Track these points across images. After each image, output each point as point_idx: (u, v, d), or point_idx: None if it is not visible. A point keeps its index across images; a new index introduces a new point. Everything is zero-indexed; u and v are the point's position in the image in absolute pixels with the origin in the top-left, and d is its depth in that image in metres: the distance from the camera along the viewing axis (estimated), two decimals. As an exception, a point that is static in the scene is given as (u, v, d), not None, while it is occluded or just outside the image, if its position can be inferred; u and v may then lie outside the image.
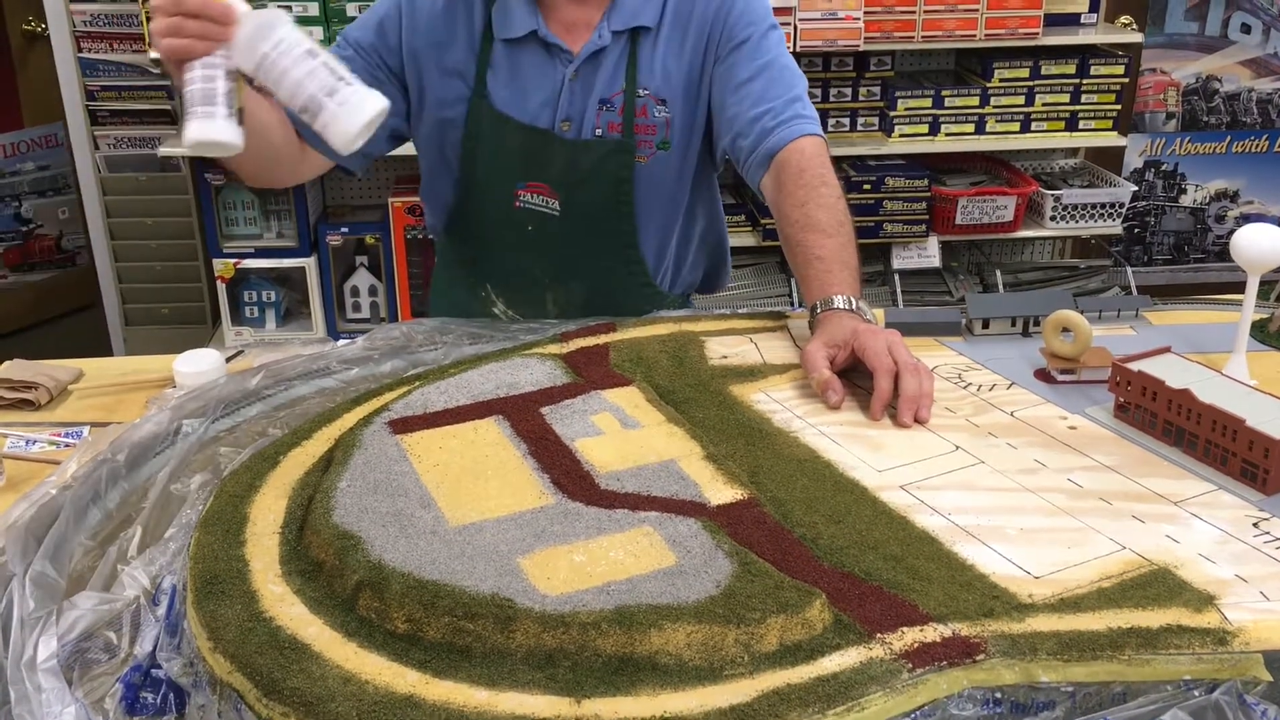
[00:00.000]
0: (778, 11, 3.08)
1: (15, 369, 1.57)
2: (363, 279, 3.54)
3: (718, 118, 1.65)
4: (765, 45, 1.63)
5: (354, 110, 1.20)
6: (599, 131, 1.63)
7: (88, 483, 1.19)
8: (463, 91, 1.64)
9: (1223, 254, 1.37)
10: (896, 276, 3.47)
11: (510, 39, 1.62)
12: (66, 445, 1.40)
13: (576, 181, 1.65)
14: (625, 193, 1.66)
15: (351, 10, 3.15)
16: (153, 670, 0.95)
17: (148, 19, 3.10)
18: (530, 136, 1.63)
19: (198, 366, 1.46)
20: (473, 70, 1.63)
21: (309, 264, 3.42)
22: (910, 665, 0.89)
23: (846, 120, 3.41)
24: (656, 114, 1.64)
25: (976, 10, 3.21)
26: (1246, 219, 4.06)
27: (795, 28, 3.12)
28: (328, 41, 3.16)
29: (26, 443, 1.41)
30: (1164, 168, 4.01)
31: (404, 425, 1.21)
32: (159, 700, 0.93)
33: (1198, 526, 1.08)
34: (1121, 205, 3.44)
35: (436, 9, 1.63)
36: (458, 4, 1.63)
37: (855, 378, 1.36)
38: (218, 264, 3.39)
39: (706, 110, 1.67)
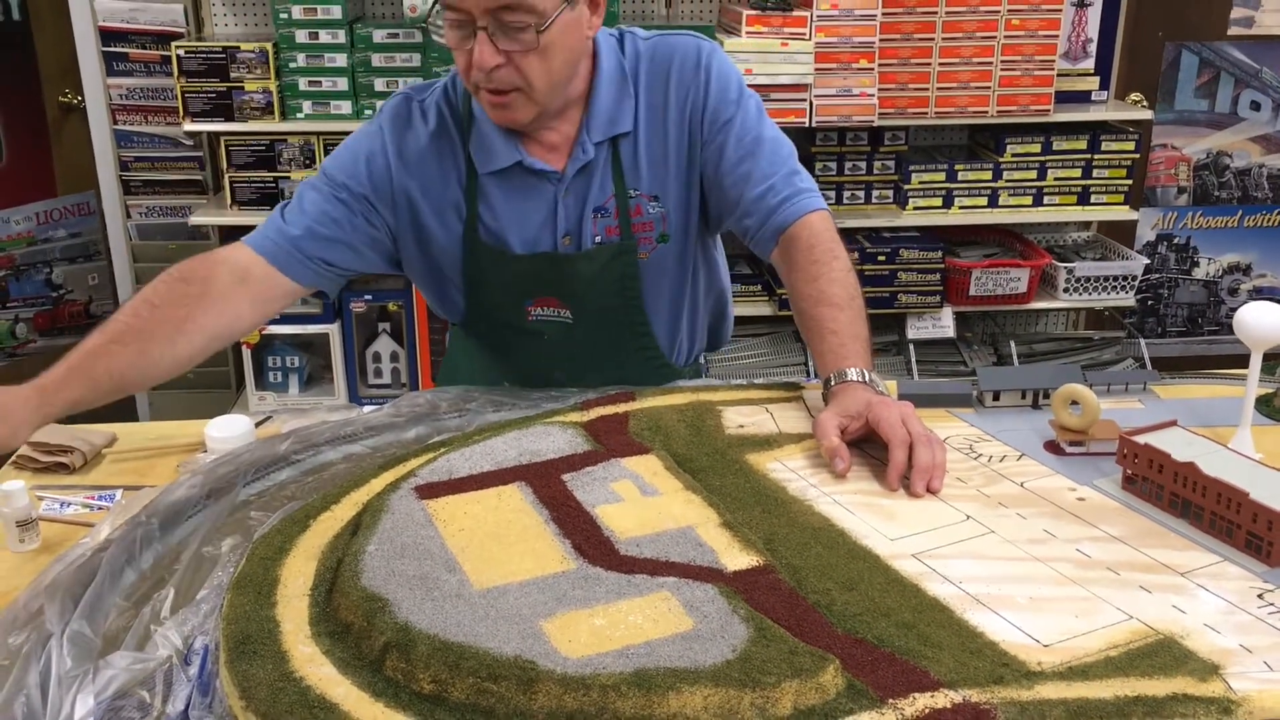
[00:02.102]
0: (795, 89, 3.17)
1: (50, 433, 1.61)
2: (385, 345, 3.59)
3: (715, 197, 1.65)
4: (748, 121, 1.62)
5: None
6: (598, 239, 1.63)
7: (122, 544, 1.22)
8: (457, 228, 1.62)
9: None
10: (911, 347, 3.50)
11: (494, 171, 1.60)
12: (100, 508, 1.44)
13: (584, 290, 1.65)
14: (633, 289, 1.67)
15: (378, 37, 3.23)
16: (185, 728, 0.98)
17: (183, 93, 3.20)
18: (532, 263, 1.62)
19: (228, 432, 1.50)
20: (461, 208, 1.61)
21: (332, 330, 3.48)
22: (921, 730, 0.91)
23: (861, 193, 3.47)
24: (650, 210, 1.64)
25: (989, 87, 3.28)
26: (1259, 292, 4.09)
27: (811, 104, 3.20)
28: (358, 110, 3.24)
29: (61, 505, 1.45)
30: (1176, 241, 4.05)
31: (430, 491, 1.24)
32: (191, 757, 0.96)
33: (1204, 597, 1.10)
34: (1134, 278, 3.48)
35: (423, 148, 1.60)
36: (443, 141, 1.61)
37: (869, 448, 1.39)
38: (243, 330, 3.45)
39: (700, 193, 1.66)
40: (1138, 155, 3.44)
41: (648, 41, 1.64)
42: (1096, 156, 3.42)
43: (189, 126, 3.25)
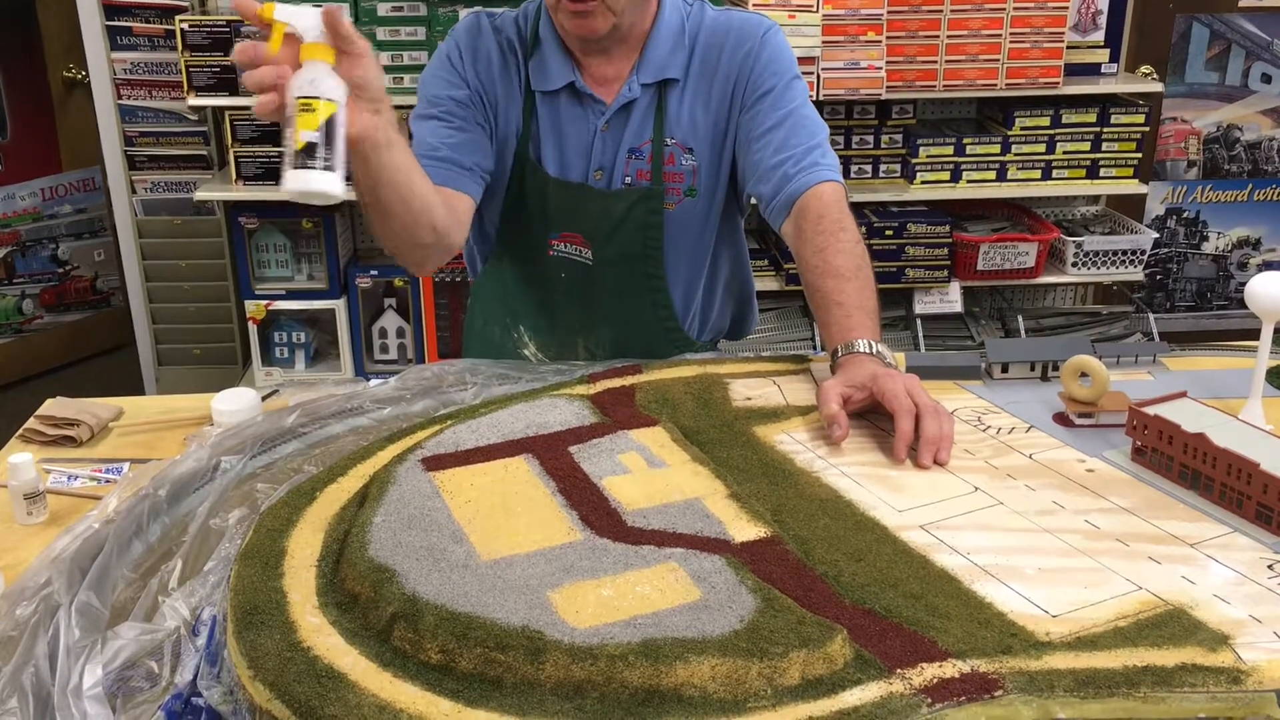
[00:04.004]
0: (802, 62, 3.14)
1: (57, 406, 1.61)
2: (391, 321, 3.59)
3: (741, 164, 1.70)
4: (789, 95, 1.67)
5: (295, 180, 1.21)
6: (628, 180, 1.68)
7: (129, 517, 1.22)
8: (510, 144, 1.70)
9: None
10: (918, 321, 3.49)
11: (548, 91, 1.67)
12: (107, 481, 1.44)
13: (608, 230, 1.70)
14: (654, 239, 1.71)
15: (383, 10, 3.22)
16: (193, 698, 0.98)
17: (187, 68, 3.19)
18: (565, 190, 1.69)
19: (235, 405, 1.50)
20: (519, 124, 1.69)
21: (339, 306, 3.48)
22: (929, 700, 0.91)
23: (869, 167, 3.45)
24: (684, 162, 1.69)
25: (998, 60, 3.25)
26: (1269, 266, 4.07)
27: (819, 77, 3.17)
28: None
29: (68, 478, 1.45)
30: (1185, 215, 4.03)
31: (436, 463, 1.24)
32: (199, 727, 0.96)
33: (1213, 568, 1.09)
34: (1143, 252, 3.46)
35: (491, 58, 1.69)
36: (509, 56, 1.69)
37: (876, 420, 1.39)
38: (249, 305, 3.46)
39: (732, 157, 1.71)
40: (1147, 128, 3.42)
41: (716, 12, 1.71)
42: (1106, 130, 3.39)
43: (193, 101, 3.24)
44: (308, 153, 1.21)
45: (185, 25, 3.18)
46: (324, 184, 1.21)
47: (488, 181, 1.69)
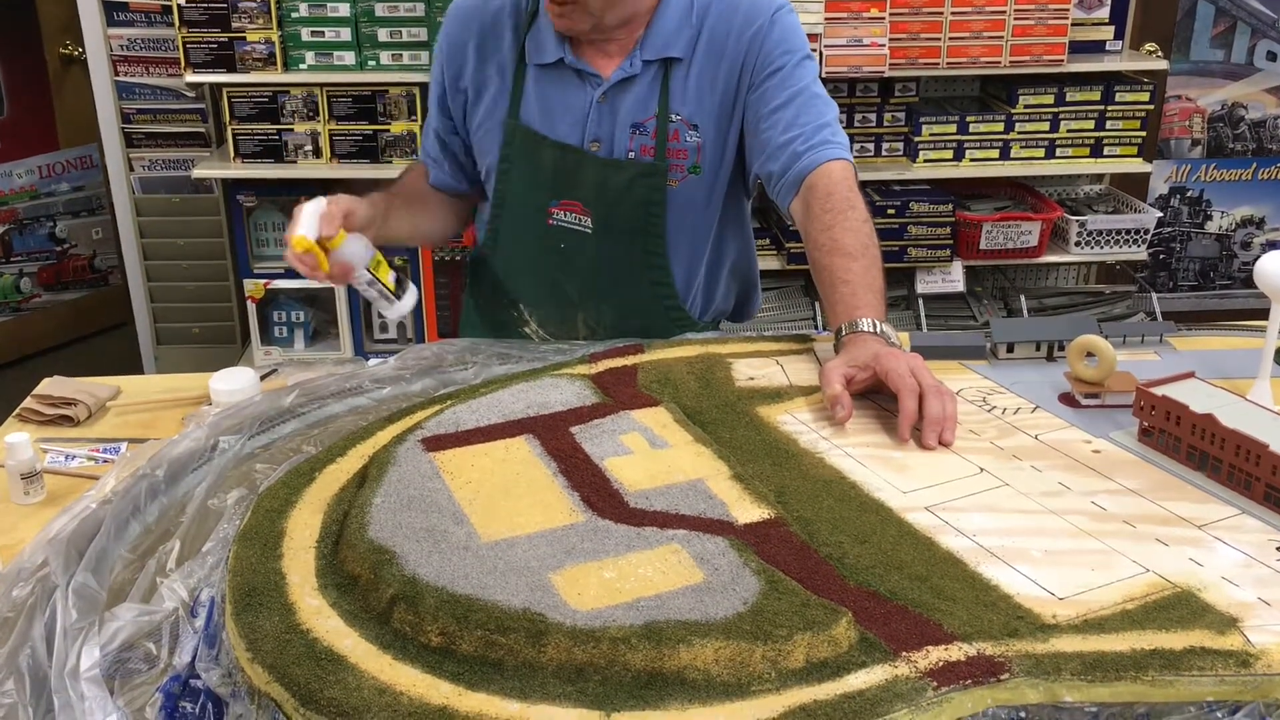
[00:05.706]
0: (804, 38, 3.12)
1: (55, 386, 1.60)
2: (390, 300, 3.57)
3: (749, 143, 1.69)
4: (799, 74, 1.66)
5: (395, 311, 1.63)
6: (631, 154, 1.67)
7: (127, 497, 1.21)
8: (500, 115, 1.71)
9: (1249, 281, 1.37)
10: (920, 301, 3.48)
11: (542, 64, 1.67)
12: (105, 461, 1.43)
13: (609, 200, 1.69)
14: (656, 215, 1.69)
15: (380, 10, 3.20)
16: (191, 680, 0.97)
17: (184, 44, 3.16)
18: (562, 154, 1.68)
19: (233, 384, 1.49)
20: (508, 94, 1.70)
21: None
22: (935, 684, 0.90)
23: (871, 145, 3.43)
24: (688, 138, 1.67)
25: (1002, 37, 3.23)
26: (1273, 245, 4.05)
27: (821, 54, 3.15)
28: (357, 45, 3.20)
29: (66, 458, 1.44)
30: (1189, 194, 4.01)
31: (437, 443, 1.23)
32: (198, 709, 0.95)
33: (1221, 550, 1.08)
34: (1146, 231, 3.44)
35: (483, 41, 1.72)
36: (504, 27, 1.71)
37: (880, 400, 1.38)
38: (248, 284, 3.44)
39: (739, 136, 1.70)
40: (1152, 106, 3.40)
41: None
42: (1110, 108, 3.37)
43: (190, 78, 3.22)
44: (399, 284, 1.61)
45: (182, 1, 3.15)
46: (414, 300, 1.64)
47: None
